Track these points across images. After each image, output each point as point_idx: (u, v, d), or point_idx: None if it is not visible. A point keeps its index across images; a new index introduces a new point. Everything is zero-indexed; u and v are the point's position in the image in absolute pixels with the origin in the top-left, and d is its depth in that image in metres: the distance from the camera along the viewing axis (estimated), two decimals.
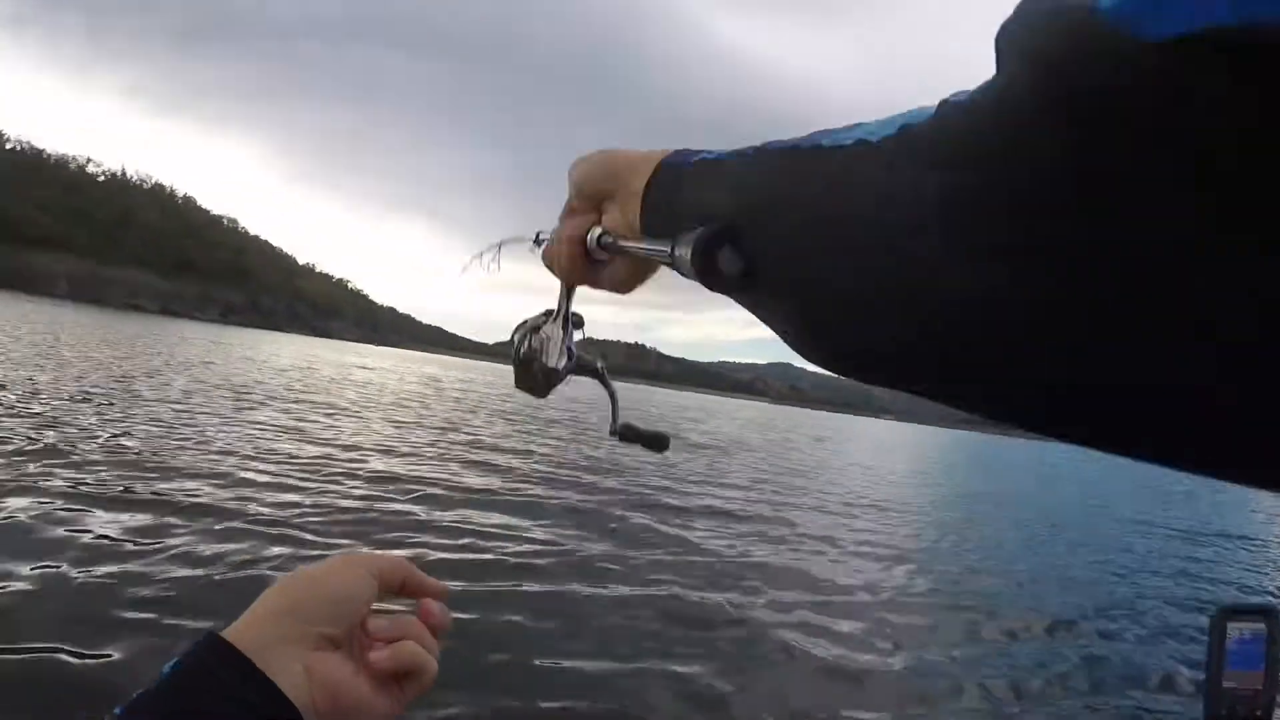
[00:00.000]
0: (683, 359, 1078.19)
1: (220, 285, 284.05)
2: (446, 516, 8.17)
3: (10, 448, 7.77)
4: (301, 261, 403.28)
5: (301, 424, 13.84)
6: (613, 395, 0.96)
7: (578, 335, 0.93)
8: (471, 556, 6.85)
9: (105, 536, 5.66)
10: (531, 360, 0.89)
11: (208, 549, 5.72)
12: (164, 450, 9.14)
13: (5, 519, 5.63)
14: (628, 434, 0.97)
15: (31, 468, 7.20)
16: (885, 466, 30.73)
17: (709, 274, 0.55)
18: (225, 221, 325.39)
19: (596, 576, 6.91)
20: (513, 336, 0.94)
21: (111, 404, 12.22)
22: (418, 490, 9.20)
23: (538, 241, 0.95)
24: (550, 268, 0.89)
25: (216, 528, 6.30)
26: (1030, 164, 0.33)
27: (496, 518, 8.45)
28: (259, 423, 13.05)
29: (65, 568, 4.90)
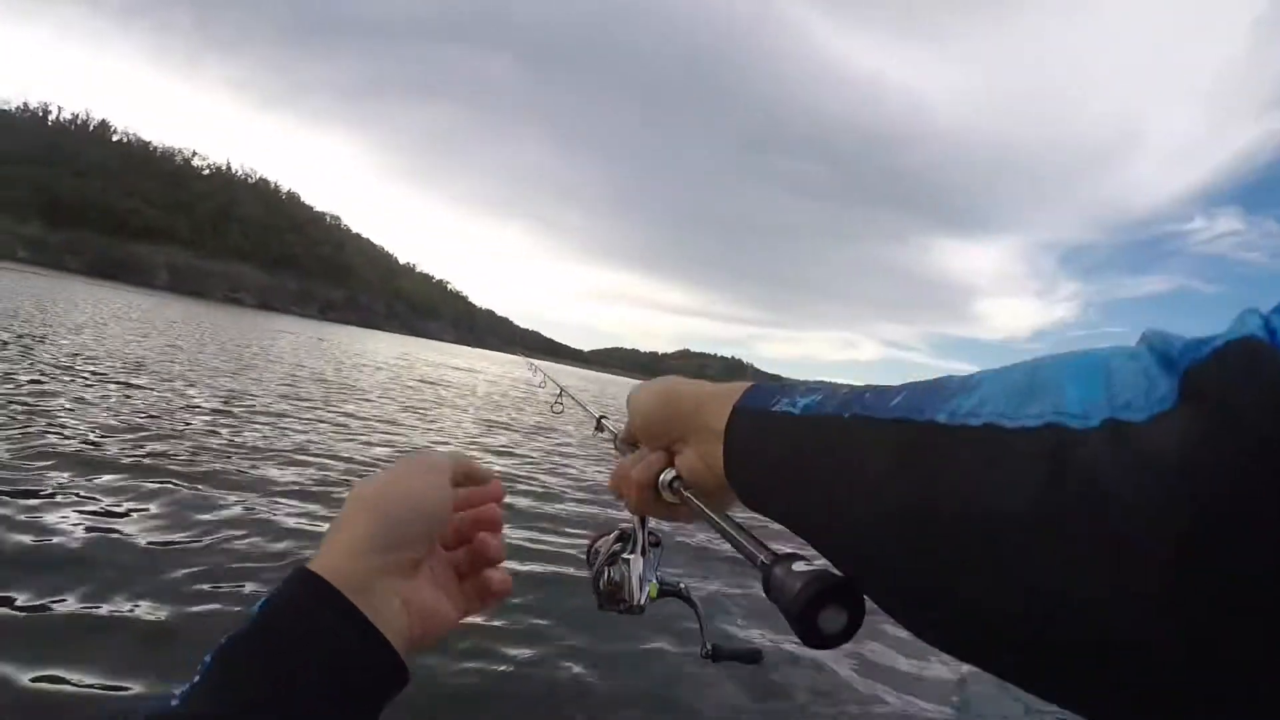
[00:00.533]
0: (780, 376, 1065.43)
1: (320, 281, 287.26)
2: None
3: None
4: (402, 261, 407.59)
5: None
6: (699, 615, 0.94)
7: (654, 554, 0.91)
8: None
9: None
10: (615, 594, 0.88)
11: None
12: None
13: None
14: (719, 654, 0.96)
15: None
16: None
17: (809, 636, 0.52)
18: (328, 218, 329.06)
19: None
20: (589, 557, 0.92)
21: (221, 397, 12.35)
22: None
23: (599, 427, 0.97)
24: (619, 499, 0.87)
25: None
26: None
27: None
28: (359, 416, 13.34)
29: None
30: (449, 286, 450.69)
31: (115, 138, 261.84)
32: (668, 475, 0.80)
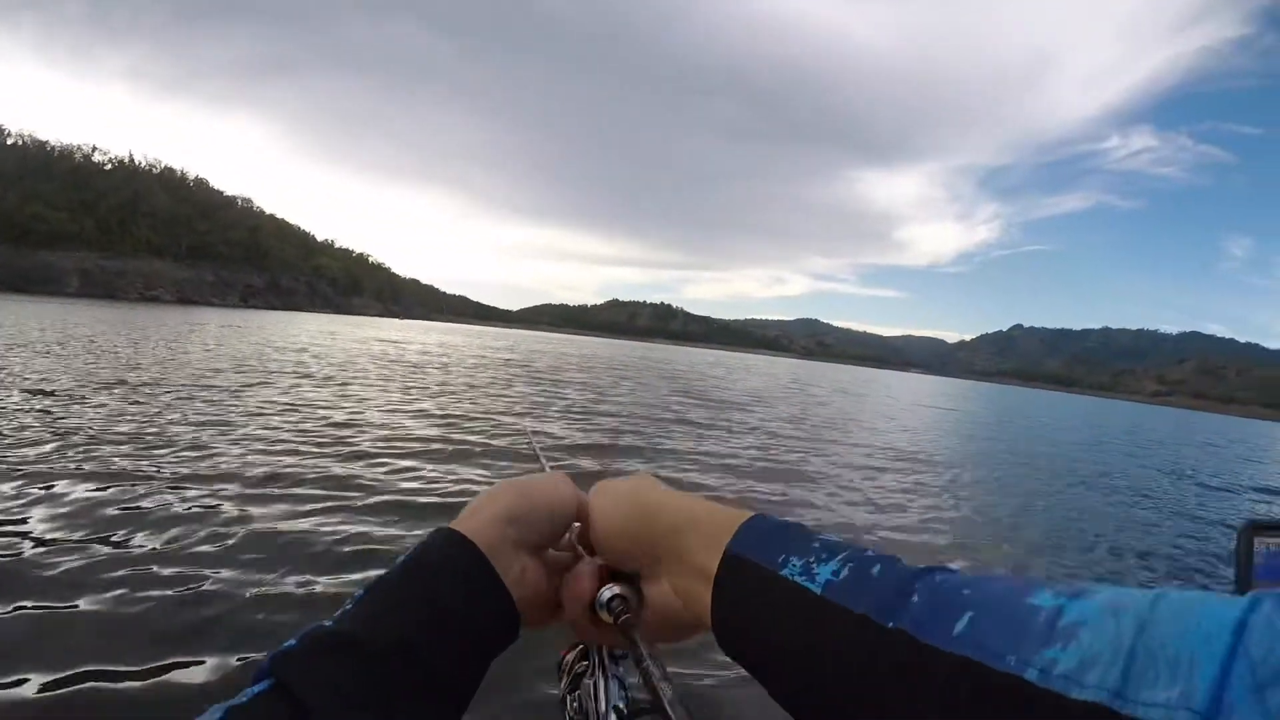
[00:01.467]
0: (709, 318, 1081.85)
1: (238, 268, 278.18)
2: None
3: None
4: (320, 238, 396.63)
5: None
6: None
7: (621, 668, 0.85)
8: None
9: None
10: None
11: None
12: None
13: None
14: None
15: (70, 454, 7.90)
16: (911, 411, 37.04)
17: None
18: (239, 202, 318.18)
19: None
20: (559, 674, 0.87)
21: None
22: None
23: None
24: (565, 619, 0.81)
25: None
26: None
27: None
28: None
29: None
30: (370, 259, 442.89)
31: (10, 141, 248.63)
32: (606, 593, 0.76)
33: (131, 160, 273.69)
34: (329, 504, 6.88)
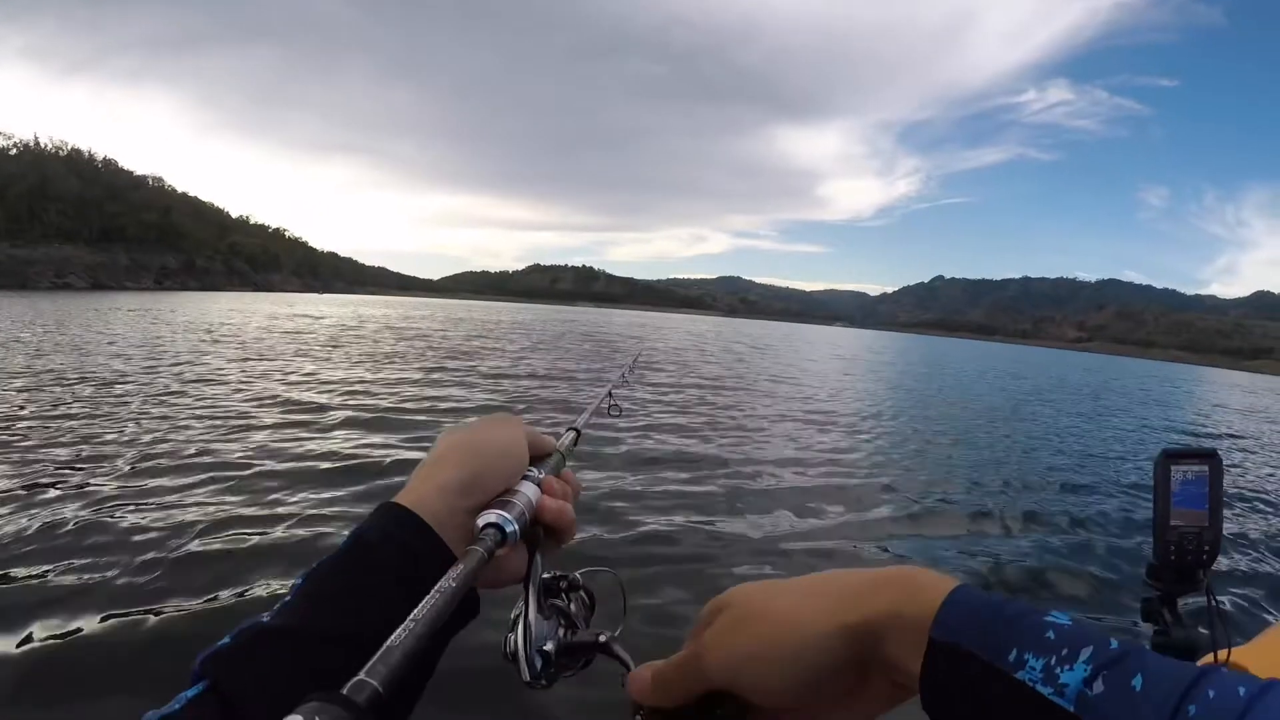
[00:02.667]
0: (632, 279, 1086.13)
1: (151, 250, 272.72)
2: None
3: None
4: (235, 215, 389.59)
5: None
6: (627, 666, 0.72)
7: (563, 614, 0.78)
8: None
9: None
10: (518, 665, 0.73)
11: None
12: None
13: None
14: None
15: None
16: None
17: None
18: (151, 181, 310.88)
19: None
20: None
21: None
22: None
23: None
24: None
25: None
26: None
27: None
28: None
29: None
30: (288, 234, 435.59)
31: None
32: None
33: (37, 143, 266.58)
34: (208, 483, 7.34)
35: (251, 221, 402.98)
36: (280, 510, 6.60)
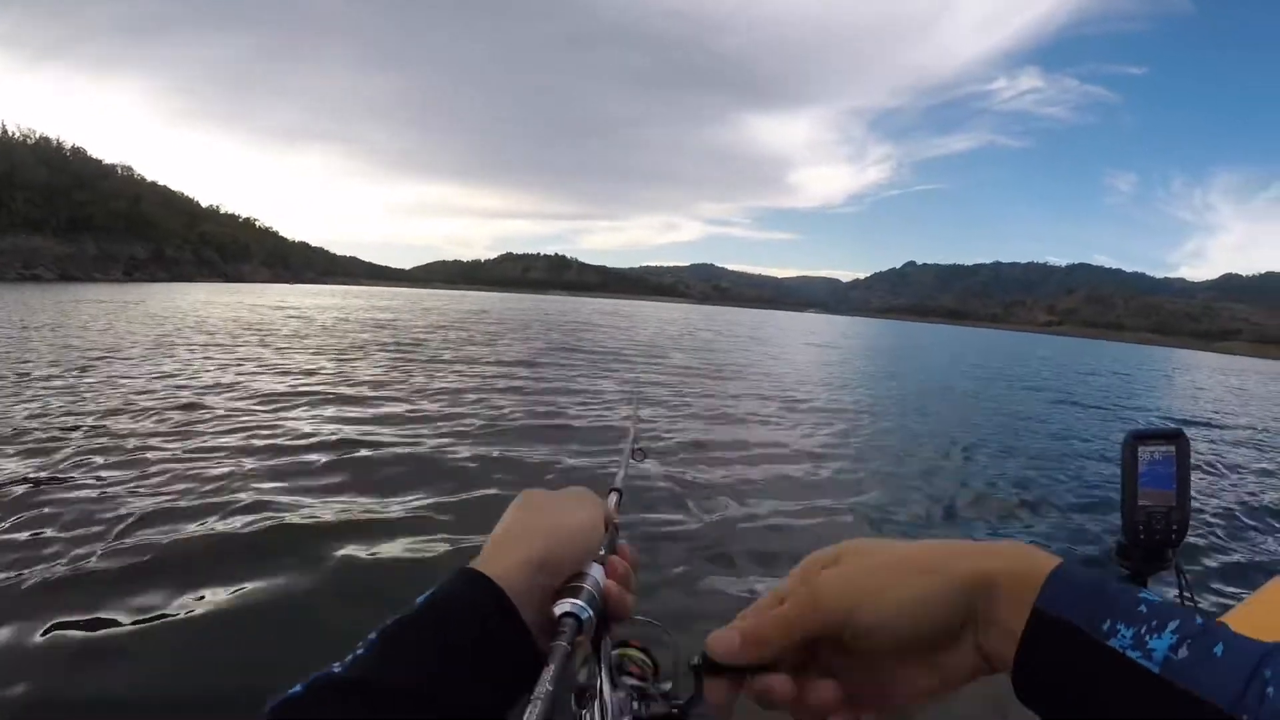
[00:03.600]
0: (605, 267, 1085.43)
1: (121, 240, 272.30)
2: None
3: None
4: (205, 204, 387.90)
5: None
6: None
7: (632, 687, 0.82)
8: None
9: None
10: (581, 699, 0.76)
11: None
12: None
13: None
14: None
15: None
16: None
17: None
18: (120, 170, 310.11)
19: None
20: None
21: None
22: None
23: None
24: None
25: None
26: None
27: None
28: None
29: None
30: (258, 224, 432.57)
31: None
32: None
33: (4, 132, 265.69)
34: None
35: (222, 211, 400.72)
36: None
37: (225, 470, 7.61)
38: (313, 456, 8.39)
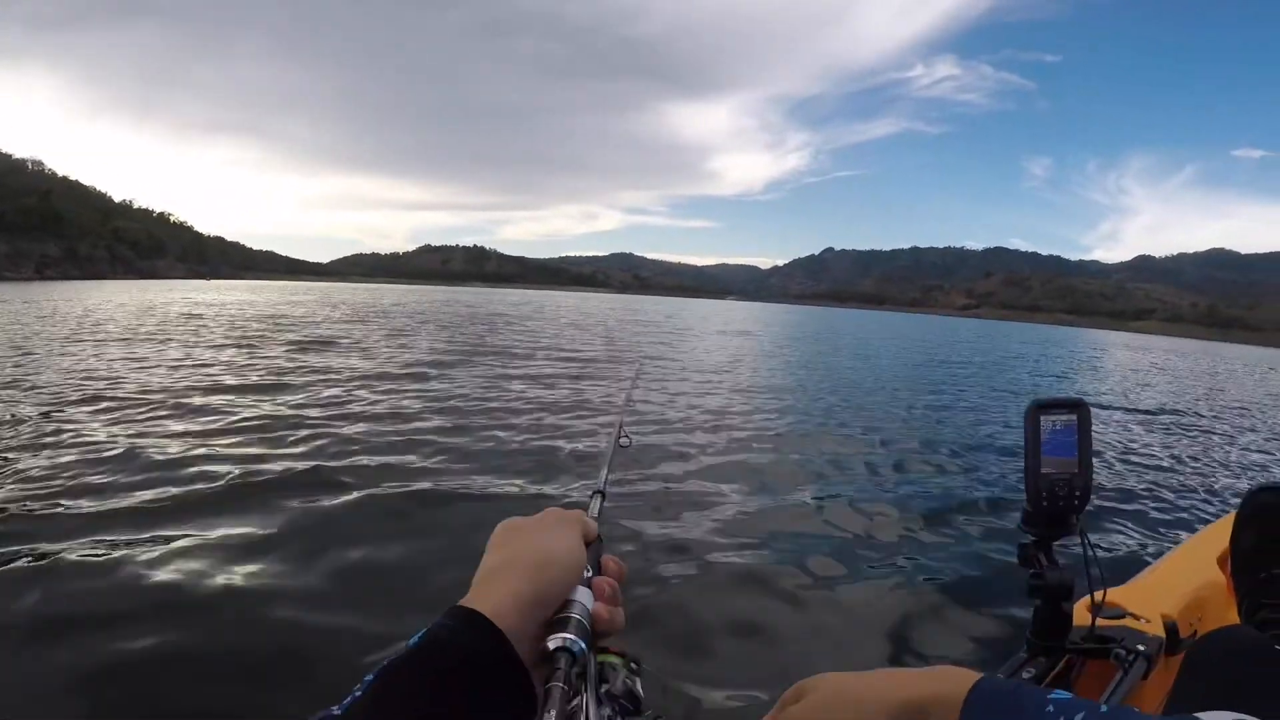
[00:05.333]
0: (524, 258, 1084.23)
1: (31, 237, 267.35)
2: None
3: None
4: (118, 199, 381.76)
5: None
6: None
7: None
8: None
9: None
10: None
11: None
12: None
13: None
14: None
15: None
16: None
17: None
18: (29, 165, 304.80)
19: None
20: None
21: None
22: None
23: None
24: None
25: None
26: None
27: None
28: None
29: None
30: (173, 218, 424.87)
31: None
32: None
33: None
34: None
35: (136, 206, 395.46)
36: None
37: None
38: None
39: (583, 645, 0.73)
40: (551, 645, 0.72)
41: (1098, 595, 1.90)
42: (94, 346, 18.72)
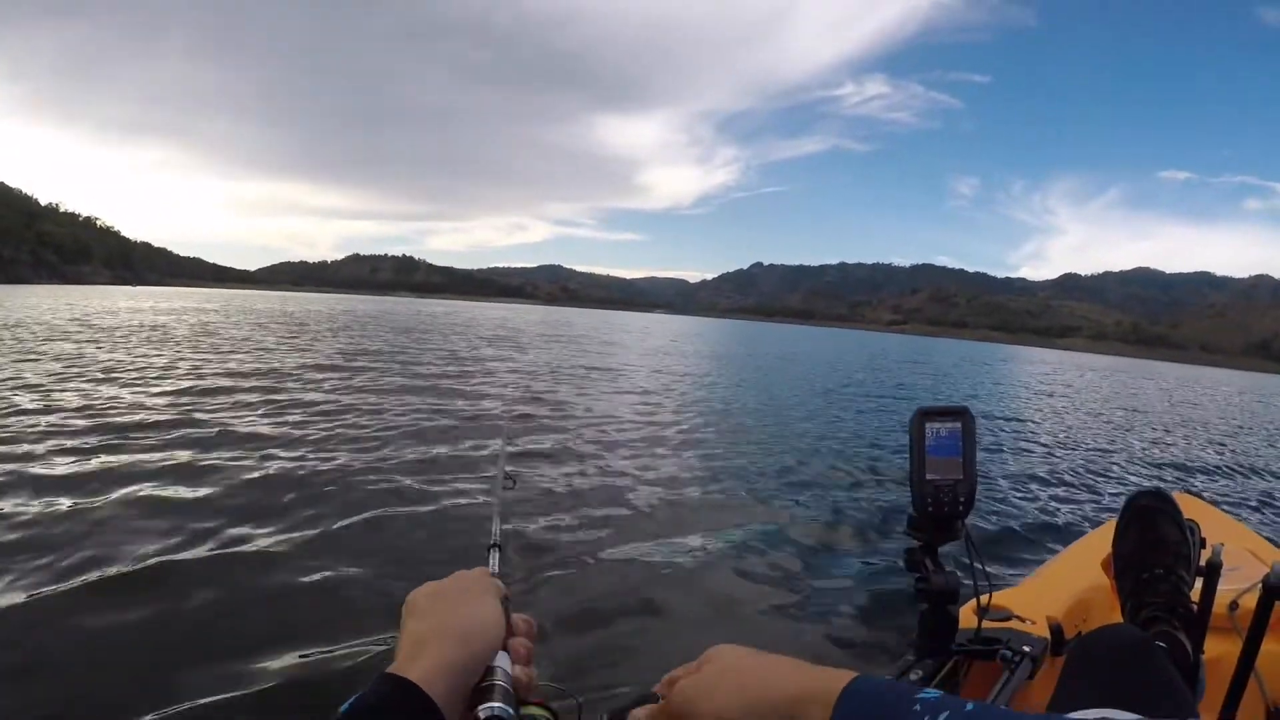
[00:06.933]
0: (452, 269, 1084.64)
1: None
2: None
3: None
4: (43, 202, 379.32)
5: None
6: None
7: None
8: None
9: None
10: None
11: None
12: None
13: None
14: None
15: None
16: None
17: None
18: None
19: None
20: None
21: None
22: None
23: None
24: None
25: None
26: None
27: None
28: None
29: None
30: (99, 223, 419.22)
31: None
32: None
33: None
34: None
35: (61, 209, 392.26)
36: None
37: None
38: None
39: (510, 711, 0.74)
40: (482, 715, 0.73)
41: (984, 598, 1.97)
42: None
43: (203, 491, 6.84)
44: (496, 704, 0.74)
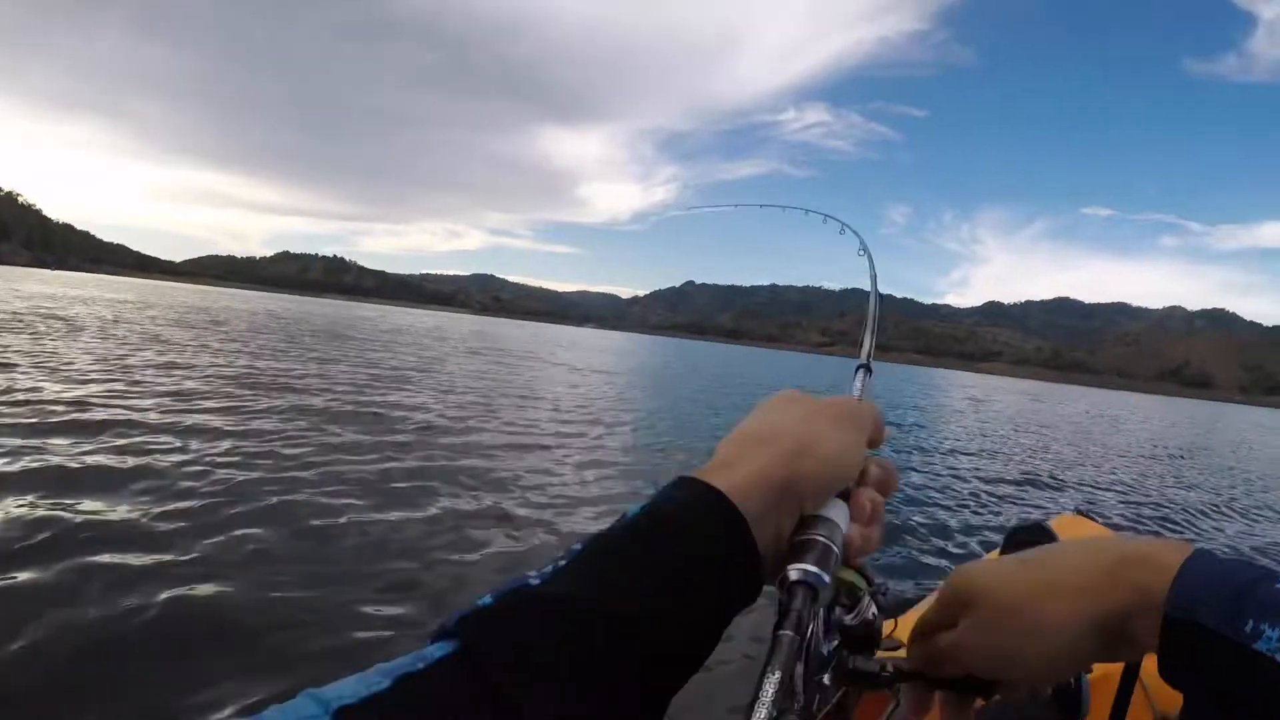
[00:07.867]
0: (384, 272, 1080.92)
1: None
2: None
3: None
4: None
5: None
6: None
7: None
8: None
9: None
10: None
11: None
12: None
13: None
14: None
15: None
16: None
17: None
18: None
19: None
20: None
21: None
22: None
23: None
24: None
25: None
26: None
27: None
28: None
29: None
30: (20, 199, 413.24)
31: None
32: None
33: None
34: None
35: None
36: None
37: None
38: None
39: (827, 580, 0.59)
40: (792, 575, 0.59)
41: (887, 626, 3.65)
42: None
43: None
44: (810, 566, 0.60)
